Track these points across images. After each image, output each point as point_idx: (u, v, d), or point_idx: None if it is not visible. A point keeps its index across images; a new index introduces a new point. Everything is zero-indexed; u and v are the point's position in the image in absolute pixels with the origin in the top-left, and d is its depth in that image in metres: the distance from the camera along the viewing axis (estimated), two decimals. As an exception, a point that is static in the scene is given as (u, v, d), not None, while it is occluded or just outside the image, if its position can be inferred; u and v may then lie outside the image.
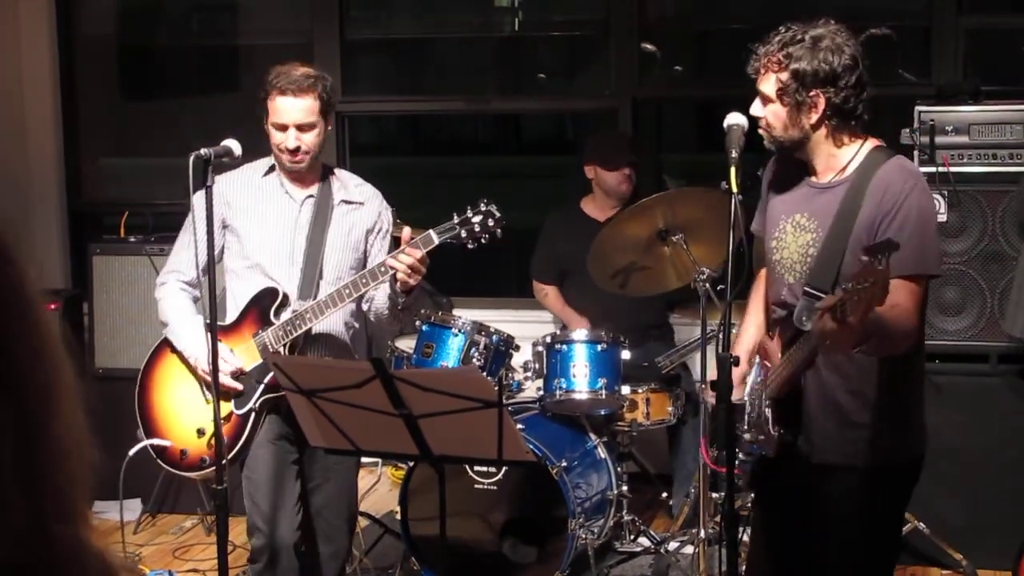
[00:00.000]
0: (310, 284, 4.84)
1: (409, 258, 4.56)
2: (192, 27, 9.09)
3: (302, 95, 4.78)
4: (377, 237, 5.04)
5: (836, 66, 3.84)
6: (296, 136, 4.79)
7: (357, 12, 8.46)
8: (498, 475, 5.79)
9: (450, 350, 5.97)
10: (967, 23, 7.18)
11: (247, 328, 4.86)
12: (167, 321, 4.98)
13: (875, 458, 4.02)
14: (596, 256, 6.11)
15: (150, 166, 8.29)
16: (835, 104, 3.87)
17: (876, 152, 3.98)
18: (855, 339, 3.51)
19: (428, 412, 3.79)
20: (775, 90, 3.90)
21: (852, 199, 3.91)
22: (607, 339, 6.01)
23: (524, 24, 9.15)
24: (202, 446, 4.85)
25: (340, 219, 4.95)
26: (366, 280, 4.67)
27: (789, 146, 4.00)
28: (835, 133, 3.95)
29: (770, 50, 3.91)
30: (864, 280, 3.27)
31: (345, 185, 5.04)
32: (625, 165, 6.80)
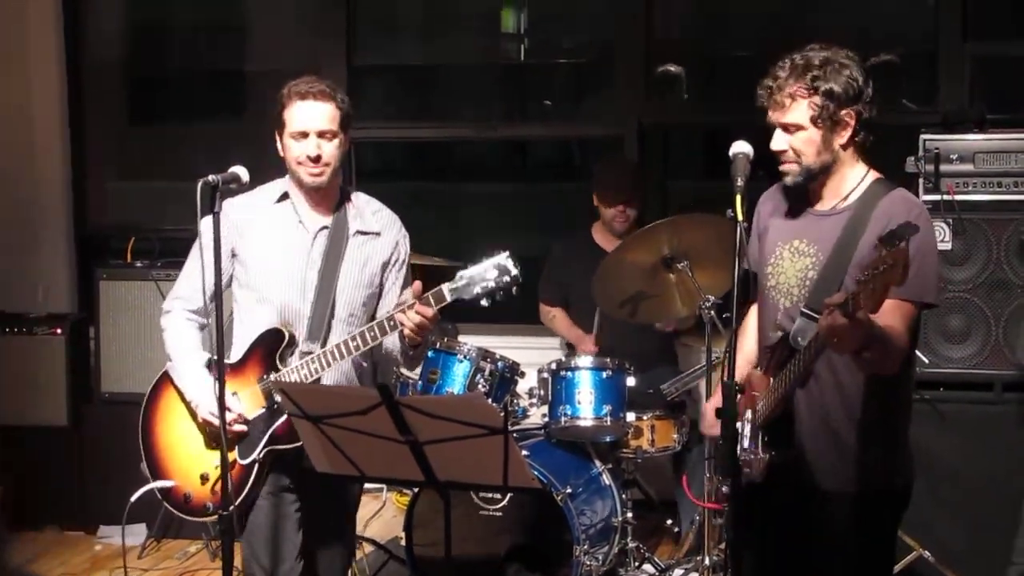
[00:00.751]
0: (320, 323, 4.63)
1: (418, 316, 4.37)
2: (199, 52, 9.12)
3: (323, 99, 4.58)
4: (393, 270, 4.81)
5: (859, 81, 3.91)
6: (317, 144, 4.57)
7: (364, 38, 8.47)
8: (503, 501, 5.80)
9: (455, 376, 5.99)
10: (973, 50, 7.20)
11: (252, 370, 4.63)
12: (170, 355, 4.78)
13: (869, 483, 4.03)
14: (602, 285, 6.11)
15: (157, 191, 8.30)
16: (864, 119, 3.93)
17: (878, 183, 4.02)
18: (861, 338, 3.52)
19: (434, 439, 3.79)
20: (809, 116, 3.92)
21: (855, 226, 3.94)
22: (612, 366, 6.01)
23: (531, 50, 9.17)
24: (206, 492, 4.66)
25: (355, 251, 4.71)
26: (375, 334, 4.47)
27: (818, 171, 4.01)
28: (859, 149, 4.01)
29: (791, 80, 3.93)
30: (882, 264, 3.28)
31: (361, 213, 4.79)
32: (619, 202, 6.78)
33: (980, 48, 7.26)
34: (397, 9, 9.45)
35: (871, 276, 3.33)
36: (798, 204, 4.15)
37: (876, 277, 3.31)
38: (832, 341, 3.60)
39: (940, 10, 7.34)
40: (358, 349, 4.49)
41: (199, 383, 4.64)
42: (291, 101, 4.58)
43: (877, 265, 3.32)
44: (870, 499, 4.03)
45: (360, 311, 4.71)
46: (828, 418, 4.01)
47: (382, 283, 4.79)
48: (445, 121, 8.98)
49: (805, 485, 4.05)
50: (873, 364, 3.71)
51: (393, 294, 4.77)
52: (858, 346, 3.61)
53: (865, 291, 3.36)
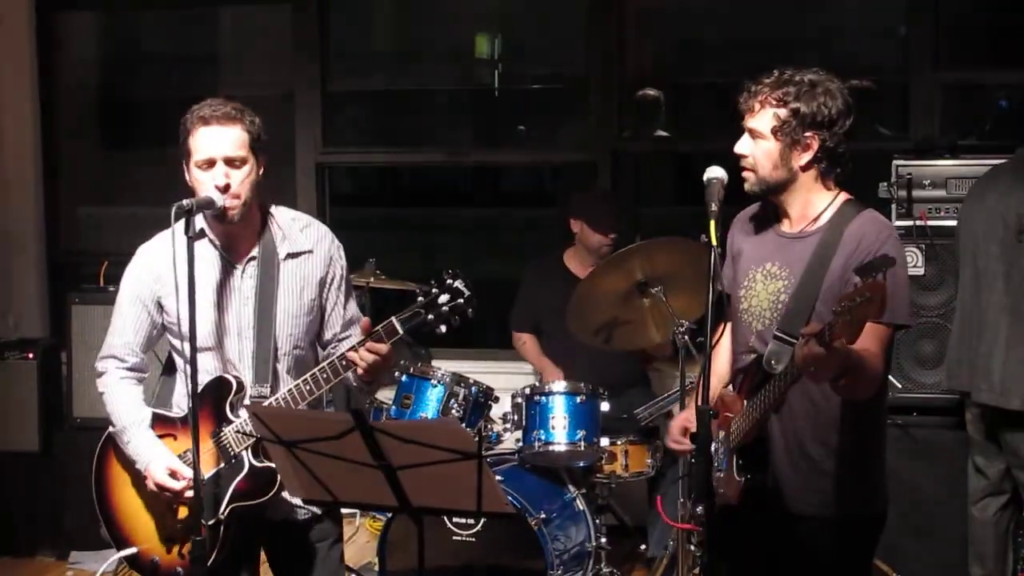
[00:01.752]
0: (265, 363, 4.34)
1: (371, 355, 4.17)
2: (173, 78, 9.11)
3: (228, 123, 4.22)
4: (332, 288, 4.49)
5: (833, 111, 3.91)
6: (225, 172, 4.20)
7: (338, 64, 8.48)
8: (477, 526, 5.79)
9: (429, 401, 5.99)
10: (944, 78, 7.25)
11: (203, 424, 4.26)
12: (113, 422, 4.47)
13: (845, 508, 4.04)
14: (576, 312, 6.10)
15: (129, 216, 8.29)
16: (828, 148, 3.93)
17: (848, 205, 4.03)
18: (838, 367, 3.54)
19: (407, 463, 3.77)
20: (771, 126, 3.94)
21: (825, 248, 3.96)
22: (586, 391, 6.01)
23: (504, 77, 9.19)
24: (174, 557, 4.39)
25: (289, 278, 4.40)
26: (327, 375, 4.23)
27: (773, 187, 4.02)
28: (822, 177, 4.01)
29: (767, 88, 3.95)
30: (859, 296, 3.30)
31: (288, 233, 4.44)
32: (613, 231, 6.84)
33: (951, 76, 7.31)
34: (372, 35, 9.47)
35: (847, 308, 3.35)
36: (770, 227, 4.16)
37: (853, 309, 3.33)
38: (809, 370, 3.62)
39: (912, 39, 7.38)
40: (311, 393, 4.25)
41: (148, 449, 4.37)
42: (194, 128, 4.24)
43: (854, 296, 3.34)
44: (845, 523, 4.04)
45: (303, 341, 4.45)
46: (802, 442, 4.02)
47: (323, 304, 4.49)
48: (419, 147, 8.99)
49: (780, 509, 4.05)
50: (849, 390, 3.72)
51: (337, 313, 4.52)
52: (834, 375, 3.62)
53: (842, 321, 3.38)
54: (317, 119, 8.12)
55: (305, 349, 4.48)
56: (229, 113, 4.25)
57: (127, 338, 4.48)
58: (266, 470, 4.28)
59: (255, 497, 4.31)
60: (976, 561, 5.88)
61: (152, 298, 4.42)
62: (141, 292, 4.45)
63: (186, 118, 4.27)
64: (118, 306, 4.52)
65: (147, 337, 4.51)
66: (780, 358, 3.91)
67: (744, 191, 4.10)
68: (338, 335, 4.54)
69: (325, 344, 4.56)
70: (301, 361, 4.46)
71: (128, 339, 4.48)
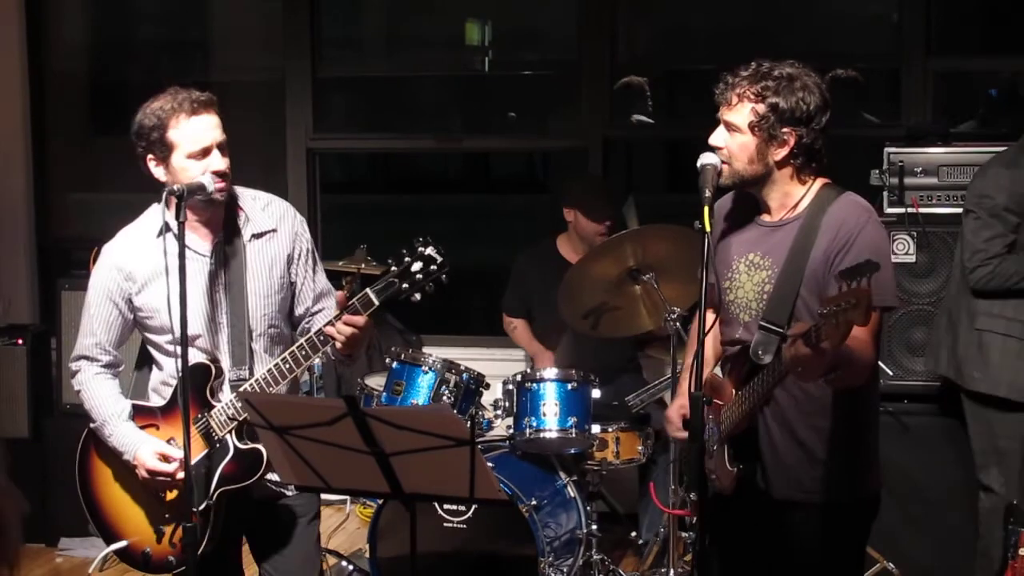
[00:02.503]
0: (242, 346, 4.36)
1: (349, 328, 4.17)
2: (163, 64, 9.09)
3: (211, 110, 4.25)
4: (299, 263, 4.49)
5: (811, 107, 3.89)
6: (219, 156, 4.24)
7: (329, 50, 8.46)
8: (468, 513, 5.78)
9: (420, 388, 5.97)
10: (936, 65, 7.24)
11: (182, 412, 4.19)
12: (93, 418, 4.45)
13: (837, 494, 4.04)
14: (566, 296, 6.10)
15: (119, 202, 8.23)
16: (805, 144, 3.92)
17: (826, 189, 4.02)
18: (826, 366, 3.54)
19: (400, 450, 3.77)
20: (748, 121, 3.92)
21: (805, 236, 3.95)
22: (578, 378, 6.00)
23: (495, 63, 9.17)
24: (165, 547, 4.40)
25: (256, 258, 4.41)
26: (306, 352, 4.24)
27: (749, 180, 4.01)
28: (798, 172, 3.99)
29: (745, 81, 3.94)
30: (844, 301, 3.30)
31: (251, 214, 4.44)
32: (608, 218, 6.83)
33: (943, 63, 7.31)
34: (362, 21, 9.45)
35: (833, 312, 3.35)
36: (750, 217, 4.15)
37: (839, 313, 3.33)
38: (796, 370, 3.62)
39: (904, 25, 7.38)
40: (291, 371, 4.28)
41: (133, 441, 4.37)
42: (175, 119, 4.20)
43: (839, 301, 3.34)
44: (838, 509, 4.04)
45: (278, 319, 4.47)
46: (794, 428, 4.01)
47: (292, 280, 4.50)
48: (409, 133, 8.98)
49: (772, 495, 4.05)
50: (840, 382, 3.73)
51: (308, 287, 4.53)
52: (822, 375, 3.62)
53: (828, 325, 3.38)
54: (308, 105, 8.09)
55: (280, 326, 4.50)
56: (209, 100, 4.26)
57: (98, 337, 4.46)
58: (251, 451, 4.30)
59: (242, 479, 4.32)
60: None
61: (123, 296, 4.42)
62: (111, 290, 4.43)
63: (156, 111, 4.23)
64: (87, 306, 4.49)
65: (119, 335, 4.50)
66: (767, 348, 3.92)
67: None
68: (310, 309, 4.55)
69: (298, 319, 4.56)
70: (278, 339, 4.48)
71: (99, 338, 4.46)
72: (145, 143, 4.27)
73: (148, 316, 4.40)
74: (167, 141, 4.22)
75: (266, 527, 4.55)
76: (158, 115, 4.21)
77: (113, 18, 9.14)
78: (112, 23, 9.16)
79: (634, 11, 8.31)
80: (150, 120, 4.23)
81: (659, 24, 8.79)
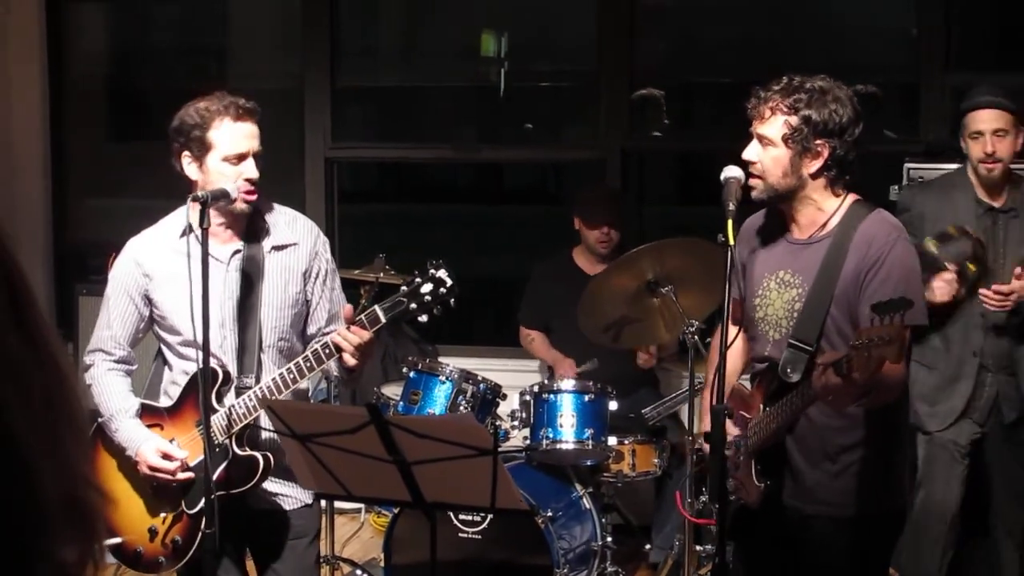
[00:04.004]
0: (251, 355, 4.36)
1: (356, 338, 4.16)
2: (182, 70, 9.11)
3: (254, 118, 4.29)
4: (316, 282, 4.50)
5: (844, 119, 3.90)
6: (253, 166, 4.27)
7: (347, 60, 8.48)
8: (483, 524, 5.78)
9: (437, 398, 5.97)
10: (953, 80, 7.24)
11: (189, 414, 4.38)
12: (101, 413, 4.46)
13: (864, 508, 4.04)
14: (586, 310, 6.09)
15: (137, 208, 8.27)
16: (838, 156, 3.93)
17: (857, 206, 4.03)
18: (857, 395, 3.54)
19: (422, 459, 3.78)
20: (781, 133, 3.93)
21: (835, 253, 3.95)
22: (594, 389, 6.00)
23: (511, 74, 9.19)
24: (156, 547, 4.41)
25: (273, 271, 4.41)
26: (311, 363, 4.25)
27: (783, 193, 4.02)
28: (831, 185, 4.00)
29: (777, 95, 3.95)
30: (877, 336, 3.30)
31: (275, 226, 4.46)
32: (603, 223, 6.81)
33: (961, 78, 7.30)
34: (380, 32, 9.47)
35: (865, 344, 3.35)
36: (779, 234, 4.16)
37: (871, 347, 3.33)
38: (827, 399, 3.63)
39: (922, 40, 7.38)
40: (295, 381, 4.27)
41: (137, 438, 4.38)
42: (219, 120, 4.23)
43: (871, 335, 3.34)
44: (864, 523, 4.04)
45: (289, 332, 4.47)
46: (822, 442, 4.02)
47: (307, 298, 4.51)
48: (426, 143, 8.99)
49: (799, 509, 4.05)
50: (872, 403, 3.74)
51: (323, 307, 4.53)
52: (853, 402, 3.63)
53: (859, 357, 3.38)
54: (326, 114, 8.11)
55: (291, 340, 4.50)
56: (253, 108, 4.30)
57: (114, 331, 4.47)
58: (249, 459, 4.30)
59: (238, 486, 4.31)
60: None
61: (140, 292, 4.44)
62: (129, 286, 4.45)
63: (203, 110, 4.25)
64: (106, 300, 4.53)
65: (134, 331, 4.52)
66: (795, 366, 3.92)
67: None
68: (323, 328, 4.54)
69: (309, 338, 4.55)
70: (287, 352, 4.47)
71: (115, 332, 4.47)
72: (184, 139, 4.28)
73: (162, 315, 4.43)
74: (206, 141, 4.24)
75: (265, 541, 4.55)
76: (202, 114, 4.24)
77: (132, 25, 9.18)
78: (131, 30, 9.20)
79: (651, 23, 8.32)
80: (192, 118, 4.25)
81: (676, 36, 8.80)
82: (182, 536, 4.36)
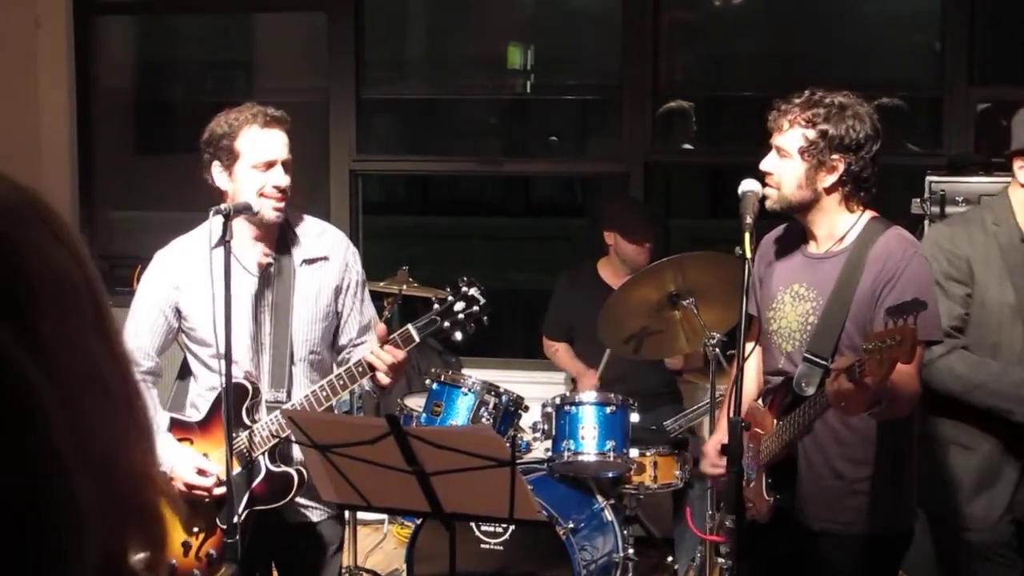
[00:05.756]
0: (282, 368, 4.37)
1: (389, 356, 4.18)
2: (207, 84, 9.17)
3: (283, 126, 4.32)
4: (347, 294, 4.52)
5: (861, 135, 3.91)
6: (282, 173, 4.28)
7: (372, 72, 8.51)
8: (505, 535, 5.80)
9: (459, 409, 5.99)
10: (978, 95, 7.24)
11: (219, 428, 4.31)
12: None
13: (874, 525, 4.04)
14: (607, 321, 6.11)
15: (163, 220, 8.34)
16: (853, 171, 3.94)
17: (874, 223, 4.04)
18: (869, 400, 3.55)
19: (441, 470, 3.80)
20: (798, 146, 3.95)
21: (852, 268, 3.97)
22: (616, 402, 6.01)
23: (536, 87, 9.22)
24: (191, 561, 4.38)
25: (304, 284, 4.43)
26: (344, 381, 4.25)
27: (796, 206, 4.03)
28: (846, 200, 4.01)
29: (796, 108, 3.97)
30: (889, 339, 3.31)
31: (304, 238, 4.48)
32: (648, 240, 6.84)
33: (985, 92, 7.31)
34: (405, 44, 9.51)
35: (878, 348, 3.36)
36: (797, 248, 4.17)
37: (883, 350, 3.34)
38: (839, 405, 3.63)
39: (947, 55, 7.39)
40: (328, 399, 4.27)
41: (171, 454, 4.34)
42: (247, 128, 4.27)
43: (884, 338, 3.35)
44: (874, 542, 4.05)
45: (320, 346, 4.49)
46: (833, 459, 4.03)
47: (339, 311, 4.53)
48: (451, 155, 9.02)
49: (809, 526, 4.06)
50: (884, 415, 3.74)
51: (354, 319, 4.56)
52: (865, 409, 3.64)
53: (872, 360, 3.39)
54: (351, 127, 8.14)
55: (322, 353, 4.52)
56: (282, 117, 4.33)
57: (142, 342, 4.44)
58: (283, 475, 4.32)
59: (272, 501, 4.34)
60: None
61: (170, 303, 4.43)
62: (159, 297, 4.45)
63: (232, 119, 4.29)
64: (134, 311, 4.50)
65: (162, 342, 4.51)
66: (810, 380, 3.93)
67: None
68: (354, 340, 4.57)
69: (340, 349, 4.58)
70: (318, 365, 4.50)
71: (143, 343, 4.44)
72: (213, 149, 4.31)
73: (192, 327, 4.43)
74: (234, 150, 4.27)
75: (294, 553, 4.57)
76: (230, 123, 4.27)
77: (160, 40, 9.24)
78: (158, 44, 9.26)
79: (676, 36, 8.34)
80: (221, 128, 4.29)
81: (701, 50, 8.82)
82: (216, 550, 4.35)
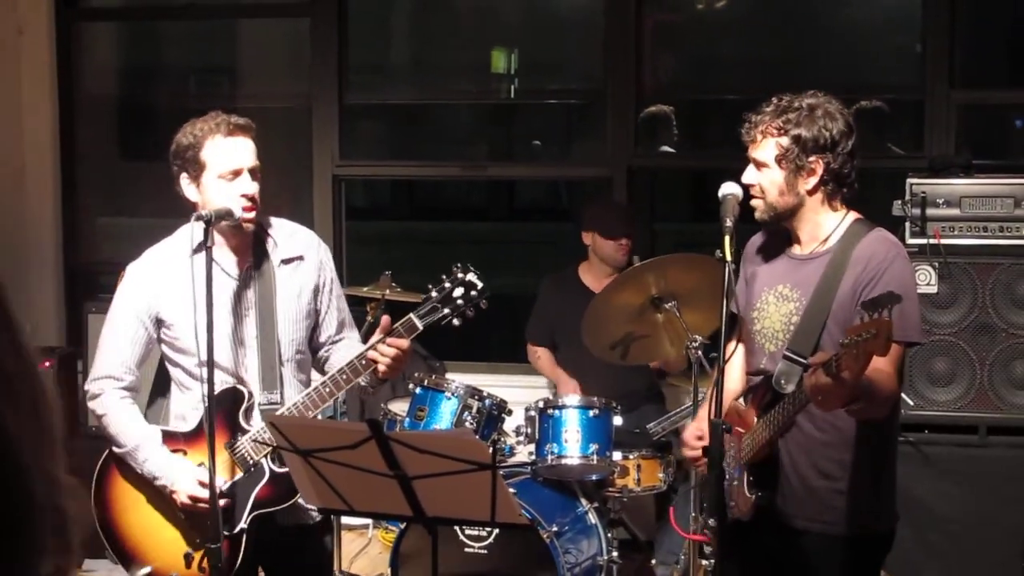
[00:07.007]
0: (272, 370, 4.35)
1: (393, 349, 4.20)
2: (191, 89, 9.17)
3: (248, 134, 4.28)
4: (324, 292, 4.52)
5: (834, 133, 3.93)
6: (249, 181, 4.25)
7: (356, 77, 8.52)
8: (489, 539, 5.80)
9: (443, 414, 5.99)
10: (959, 98, 7.27)
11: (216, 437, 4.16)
12: (121, 443, 4.38)
13: (855, 524, 4.06)
14: (591, 328, 6.08)
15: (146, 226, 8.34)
16: (833, 170, 3.96)
17: (857, 224, 4.06)
18: (847, 395, 3.56)
19: (422, 474, 3.80)
20: (774, 155, 3.97)
21: (834, 269, 3.99)
22: (599, 405, 6.02)
23: (520, 91, 9.23)
24: (193, 573, 4.35)
25: (285, 284, 4.42)
26: (347, 376, 4.24)
27: (783, 213, 4.06)
28: (829, 199, 4.03)
29: (766, 118, 3.99)
30: (865, 332, 3.33)
31: (279, 240, 4.46)
32: (623, 236, 6.85)
33: (966, 95, 7.33)
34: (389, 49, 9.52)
35: (854, 342, 3.37)
36: (782, 250, 4.19)
37: (859, 344, 3.35)
38: (817, 399, 3.64)
39: (927, 58, 7.41)
40: (331, 395, 4.28)
41: (169, 466, 4.33)
42: (211, 138, 4.23)
43: (860, 331, 3.36)
44: (854, 541, 4.07)
45: (304, 345, 4.49)
46: (814, 459, 4.04)
47: (317, 309, 4.52)
48: (435, 160, 9.03)
49: (790, 525, 4.08)
50: (863, 413, 3.75)
51: (332, 316, 4.56)
52: (843, 404, 3.65)
53: (848, 355, 3.40)
54: (334, 132, 8.13)
55: (306, 353, 4.53)
56: (246, 124, 4.30)
57: (123, 356, 4.41)
58: (288, 475, 4.27)
59: (277, 503, 4.34)
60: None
61: (150, 314, 4.39)
62: (138, 308, 4.40)
63: (195, 130, 4.26)
64: (111, 325, 4.46)
65: (144, 353, 4.47)
66: (789, 377, 3.95)
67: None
68: (332, 337, 4.58)
69: (319, 347, 4.58)
70: (303, 364, 4.51)
71: (124, 357, 4.41)
72: (180, 161, 4.29)
73: (175, 336, 4.38)
74: (200, 160, 4.24)
75: (288, 554, 4.56)
76: (195, 134, 4.25)
77: (143, 45, 9.24)
78: (141, 50, 9.26)
79: (660, 40, 8.35)
80: (187, 139, 4.26)
81: (685, 54, 8.84)
82: (223, 559, 4.26)
